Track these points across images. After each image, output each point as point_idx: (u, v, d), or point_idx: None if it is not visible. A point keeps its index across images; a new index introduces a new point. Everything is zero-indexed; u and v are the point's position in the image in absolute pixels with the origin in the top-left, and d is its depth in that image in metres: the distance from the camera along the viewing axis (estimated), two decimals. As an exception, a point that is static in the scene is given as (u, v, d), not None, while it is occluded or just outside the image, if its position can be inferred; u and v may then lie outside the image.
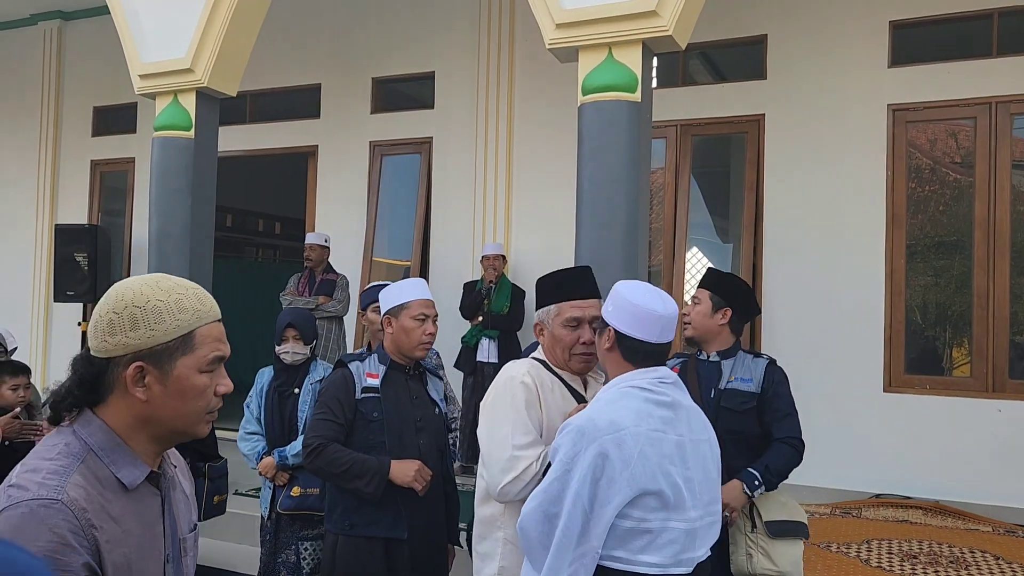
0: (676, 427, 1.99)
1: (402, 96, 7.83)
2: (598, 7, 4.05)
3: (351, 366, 2.90)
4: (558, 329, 2.34)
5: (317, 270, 6.74)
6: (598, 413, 1.98)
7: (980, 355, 5.56)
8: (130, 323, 1.29)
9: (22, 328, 9.00)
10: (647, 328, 2.04)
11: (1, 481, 1.28)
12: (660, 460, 1.91)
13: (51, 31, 9.21)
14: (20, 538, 1.16)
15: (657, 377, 2.04)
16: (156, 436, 1.36)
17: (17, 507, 1.19)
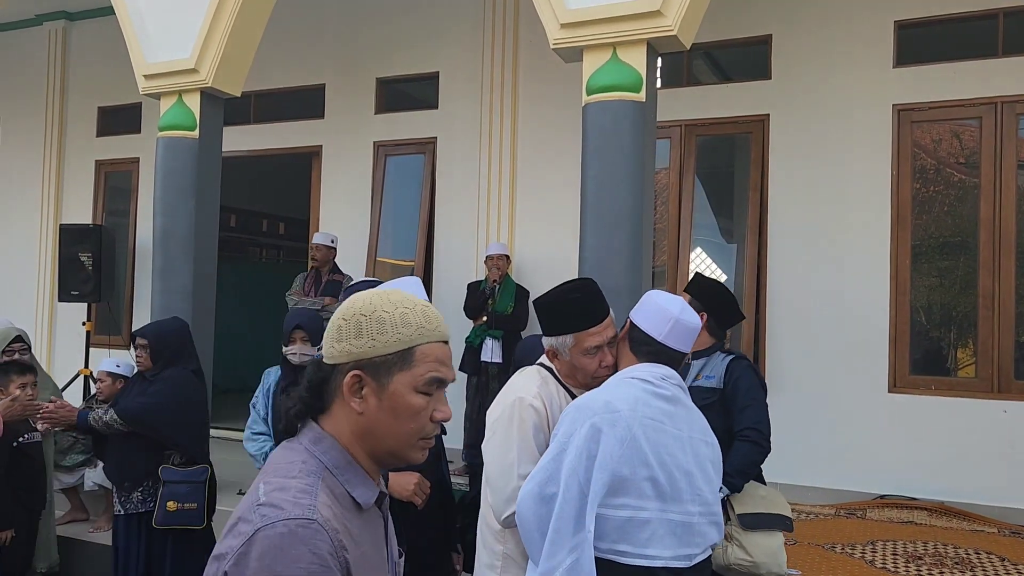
0: (676, 422, 2.04)
1: (406, 96, 7.83)
2: (602, 7, 4.05)
3: None
4: (579, 358, 2.29)
5: (323, 270, 6.75)
6: (595, 394, 2.08)
7: (985, 356, 5.54)
8: (355, 331, 1.28)
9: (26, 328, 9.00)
10: (656, 324, 2.13)
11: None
12: (656, 447, 1.97)
13: (56, 31, 9.23)
14: (281, 559, 1.13)
15: (661, 374, 2.10)
16: (373, 453, 1.32)
17: (274, 527, 1.15)
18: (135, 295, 8.73)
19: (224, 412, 7.27)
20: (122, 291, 8.76)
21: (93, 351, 8.23)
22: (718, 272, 6.55)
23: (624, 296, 3.89)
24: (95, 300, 8.08)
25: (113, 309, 8.50)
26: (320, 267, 6.73)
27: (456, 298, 6.79)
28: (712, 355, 3.17)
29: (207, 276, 5.36)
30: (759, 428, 3.00)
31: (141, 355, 3.94)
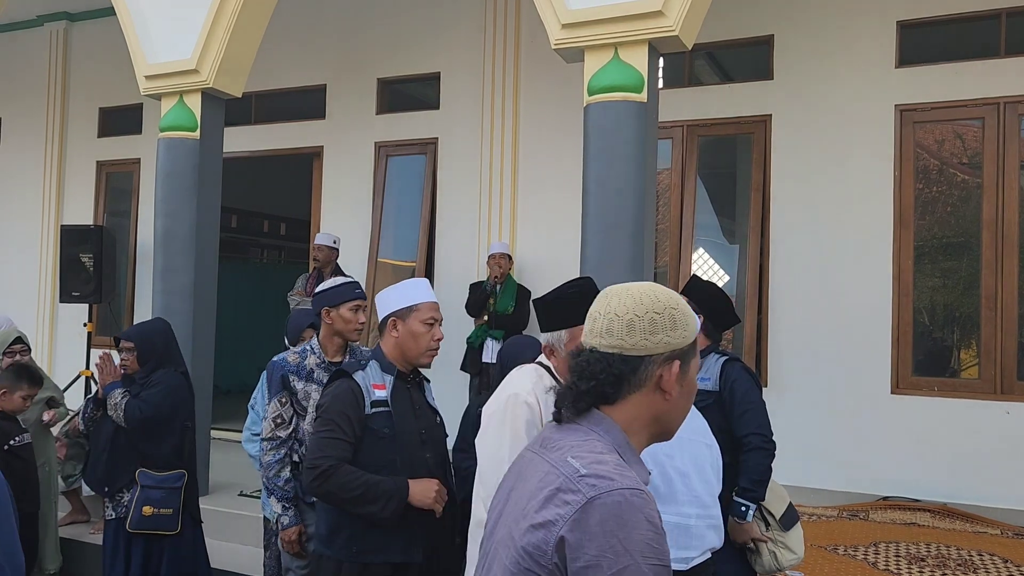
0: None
1: (407, 97, 7.82)
2: (604, 7, 4.04)
3: (356, 377, 2.64)
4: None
5: (325, 271, 6.75)
6: None
7: (988, 357, 5.52)
8: (670, 323, 1.36)
9: (28, 328, 9.01)
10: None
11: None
12: (653, 448, 1.90)
13: (57, 32, 9.23)
14: (623, 526, 1.19)
15: None
16: (654, 435, 1.41)
17: (610, 495, 1.21)
18: (136, 296, 8.73)
19: (224, 413, 7.26)
20: (123, 292, 8.75)
21: (94, 352, 8.22)
22: (720, 272, 6.54)
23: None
24: (96, 301, 8.08)
25: (114, 310, 8.49)
26: (322, 268, 6.72)
27: (457, 298, 6.78)
28: (707, 357, 3.17)
29: (208, 277, 5.36)
30: (762, 432, 3.01)
31: (127, 358, 3.92)
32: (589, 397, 1.36)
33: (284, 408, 3.24)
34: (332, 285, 3.33)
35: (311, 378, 3.26)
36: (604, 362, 1.35)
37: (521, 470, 1.43)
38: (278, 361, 3.29)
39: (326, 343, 3.31)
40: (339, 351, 3.33)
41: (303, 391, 3.23)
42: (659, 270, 6.44)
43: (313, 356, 3.30)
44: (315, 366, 3.28)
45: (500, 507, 1.44)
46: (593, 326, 1.39)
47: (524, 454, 1.48)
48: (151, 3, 5.43)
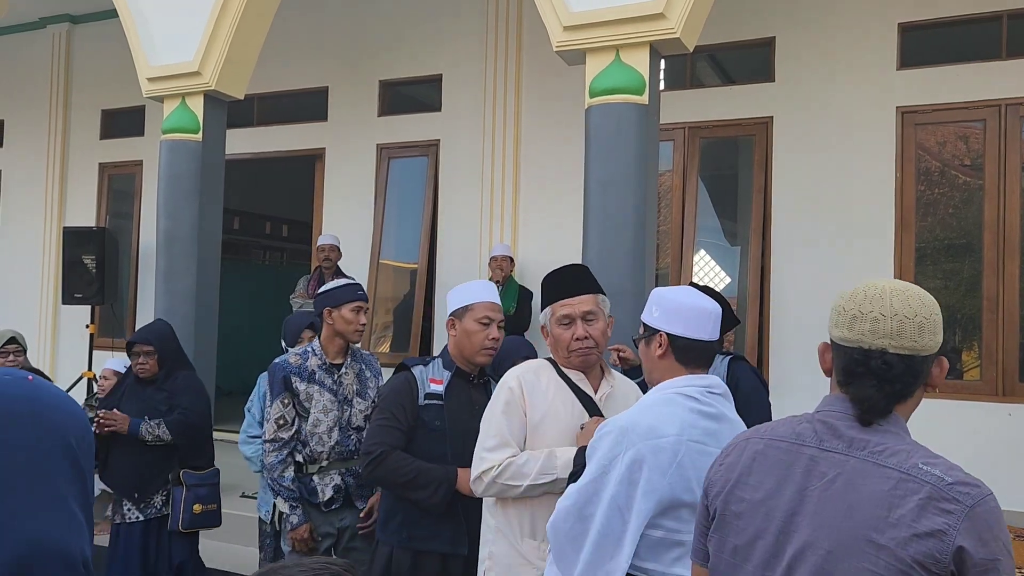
0: (719, 440, 1.88)
1: (409, 99, 7.84)
2: (605, 10, 4.05)
3: (414, 370, 2.78)
4: (555, 329, 2.41)
5: (327, 272, 6.78)
6: (640, 416, 1.94)
7: (990, 359, 5.52)
8: (935, 326, 1.44)
9: (30, 330, 9.05)
10: (701, 326, 2.02)
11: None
12: (699, 472, 1.83)
13: (60, 34, 9.25)
14: (1002, 529, 1.33)
15: (706, 386, 1.99)
16: None
17: (986, 501, 1.33)
18: (138, 297, 8.74)
19: (225, 414, 7.26)
20: (125, 293, 8.77)
21: (96, 353, 8.24)
22: (721, 274, 6.54)
23: (628, 298, 3.89)
24: (99, 303, 8.09)
25: (116, 311, 8.51)
26: (326, 269, 6.76)
27: (459, 301, 6.79)
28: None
29: (210, 279, 5.37)
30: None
31: (146, 362, 3.91)
32: (894, 399, 1.42)
33: (286, 409, 3.25)
34: (334, 286, 3.34)
35: (313, 379, 3.27)
36: (904, 364, 1.41)
37: (827, 472, 1.42)
38: (279, 363, 3.30)
39: (327, 344, 3.32)
40: (340, 352, 3.34)
41: (305, 392, 3.25)
42: (660, 271, 6.45)
43: (315, 357, 3.31)
44: (316, 367, 3.29)
45: (792, 507, 1.42)
46: (877, 327, 1.41)
47: (821, 456, 1.45)
48: (153, 5, 5.44)
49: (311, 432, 3.24)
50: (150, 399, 3.90)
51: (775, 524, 1.43)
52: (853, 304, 1.50)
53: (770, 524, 1.44)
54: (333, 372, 3.32)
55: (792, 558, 1.39)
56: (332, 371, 3.31)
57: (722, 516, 1.54)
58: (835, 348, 1.54)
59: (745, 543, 1.47)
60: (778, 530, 1.43)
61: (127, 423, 3.79)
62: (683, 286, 2.18)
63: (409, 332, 7.46)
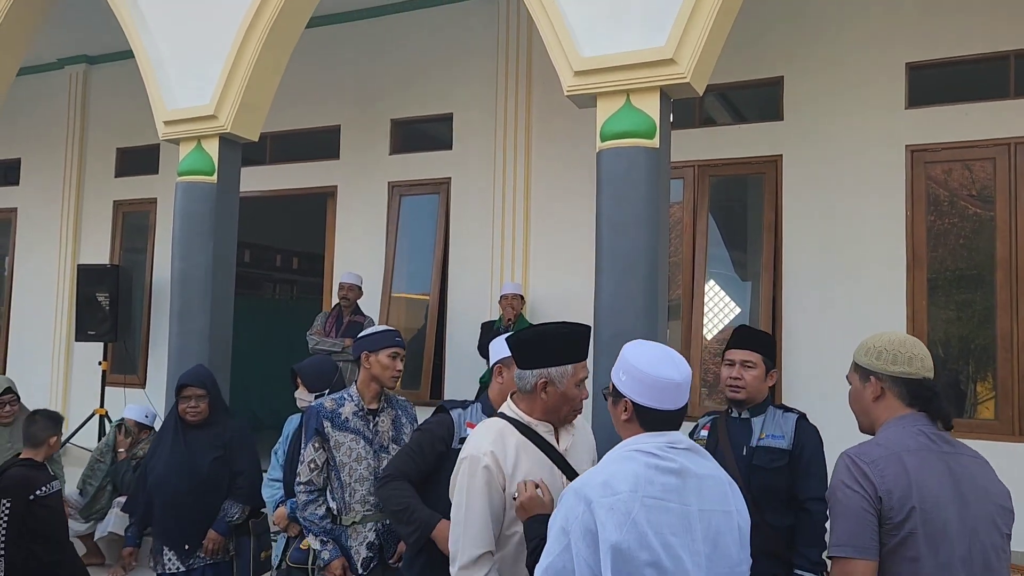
0: (682, 496, 1.88)
1: (420, 137, 7.92)
2: (616, 55, 4.10)
3: (452, 413, 2.79)
4: (571, 389, 2.39)
5: (346, 311, 6.83)
6: (594, 474, 1.93)
7: (1005, 398, 5.49)
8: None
9: (43, 367, 9.11)
10: (667, 398, 1.98)
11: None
12: (657, 529, 1.82)
13: (77, 75, 9.42)
14: None
15: (667, 442, 1.96)
16: None
17: None
18: (151, 334, 8.79)
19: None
20: (138, 331, 8.82)
21: (109, 390, 8.28)
22: (731, 305, 6.53)
23: (640, 341, 3.90)
24: (111, 340, 8.14)
25: (129, 348, 8.55)
26: (345, 307, 6.82)
27: (470, 337, 6.80)
28: (766, 410, 3.08)
29: (224, 319, 5.40)
30: (822, 497, 2.89)
31: (198, 405, 3.93)
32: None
33: (317, 453, 3.25)
34: (373, 331, 3.38)
35: (345, 427, 3.26)
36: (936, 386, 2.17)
37: (954, 470, 2.06)
38: (315, 407, 3.32)
39: (363, 389, 3.34)
40: (375, 397, 3.35)
41: (335, 440, 3.24)
42: (672, 302, 6.45)
43: (351, 403, 3.31)
44: (351, 414, 3.29)
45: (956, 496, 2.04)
46: (926, 364, 2.20)
47: (949, 456, 2.10)
48: (170, 50, 5.54)
49: (345, 482, 3.24)
50: (199, 442, 3.90)
51: (955, 510, 2.02)
52: (905, 348, 2.23)
53: (950, 511, 2.02)
54: (369, 419, 3.32)
55: (971, 532, 2.03)
56: (368, 418, 3.32)
57: (908, 513, 2.00)
58: (896, 380, 2.21)
59: (939, 529, 2.00)
60: (957, 515, 2.02)
61: (219, 537, 3.88)
62: (655, 348, 2.08)
63: (420, 369, 7.47)
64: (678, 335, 6.48)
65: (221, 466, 3.91)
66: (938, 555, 1.97)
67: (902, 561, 1.99)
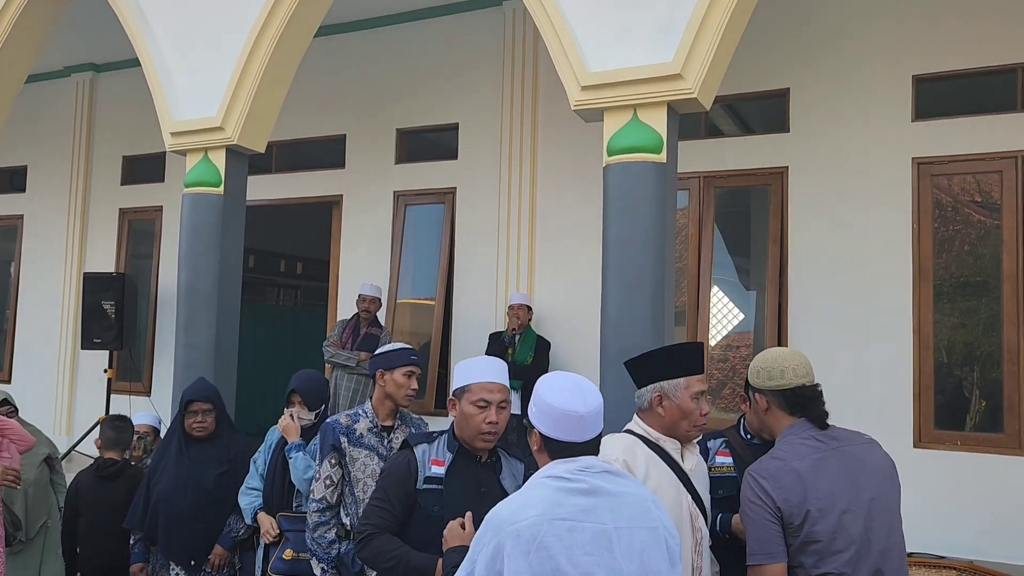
0: (596, 515, 1.87)
1: (426, 147, 7.93)
2: (623, 70, 4.10)
3: (416, 450, 2.65)
4: (687, 402, 2.46)
5: (364, 322, 6.84)
6: (506, 504, 1.95)
7: (1012, 411, 5.47)
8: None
9: (49, 374, 9.12)
10: (570, 430, 1.99)
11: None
12: (571, 550, 1.81)
13: (83, 83, 9.44)
14: None
15: (578, 467, 1.96)
16: None
17: None
18: (156, 343, 8.80)
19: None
20: (144, 339, 8.83)
21: (114, 398, 8.28)
22: (735, 311, 6.52)
23: (646, 356, 3.90)
24: (117, 348, 8.16)
25: (134, 356, 8.56)
26: (363, 318, 6.83)
27: (475, 348, 6.80)
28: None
29: (230, 331, 5.40)
30: None
31: (204, 420, 3.94)
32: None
33: (333, 470, 3.24)
34: (389, 349, 3.37)
35: (360, 443, 3.26)
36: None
37: (844, 461, 2.42)
38: (331, 423, 3.32)
39: (378, 406, 3.33)
40: (390, 415, 3.35)
41: (351, 455, 3.24)
42: (677, 309, 6.43)
43: (365, 419, 3.31)
44: (366, 431, 3.29)
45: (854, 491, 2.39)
46: (796, 373, 2.55)
47: (838, 453, 2.44)
48: (177, 61, 5.55)
49: (359, 497, 3.21)
50: (204, 457, 3.91)
51: (848, 499, 2.38)
52: (776, 364, 2.58)
53: (843, 501, 2.37)
54: (383, 436, 3.31)
55: (867, 512, 2.37)
56: (382, 435, 3.31)
57: (805, 516, 2.34)
58: (775, 393, 2.57)
59: (834, 521, 2.35)
60: (852, 502, 2.38)
61: (223, 551, 3.87)
62: (567, 380, 2.07)
63: (425, 379, 7.47)
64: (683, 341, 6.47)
65: (227, 481, 3.90)
66: (835, 542, 2.33)
67: (808, 553, 2.36)
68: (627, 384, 3.88)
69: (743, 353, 6.41)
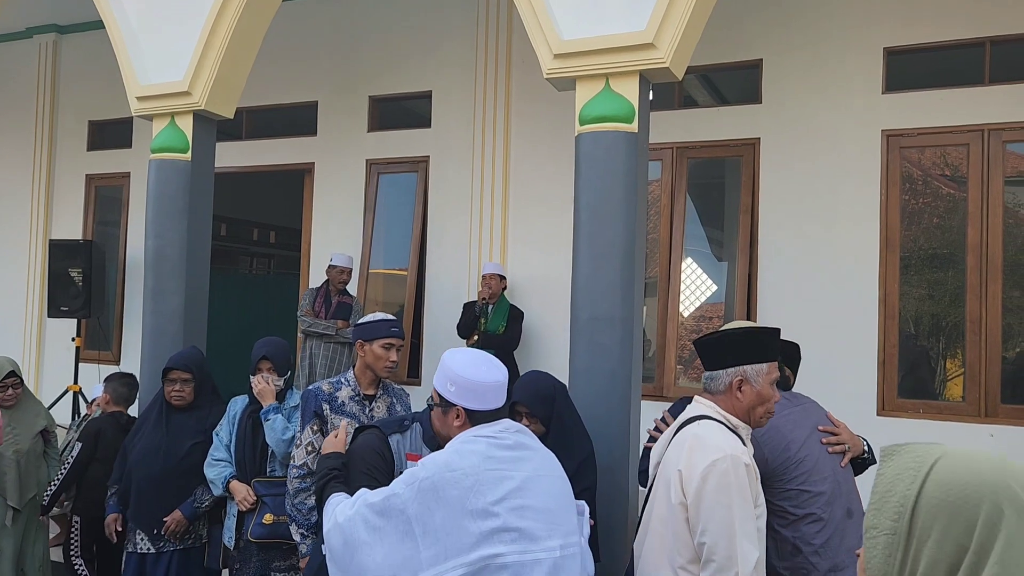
0: (521, 466, 2.12)
1: (399, 115, 7.85)
2: (596, 39, 4.08)
3: (391, 440, 2.52)
4: (767, 388, 2.43)
5: (334, 292, 6.82)
6: (443, 453, 2.17)
7: (973, 380, 5.59)
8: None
9: (15, 343, 8.99)
10: (494, 399, 2.25)
11: None
12: (501, 496, 2.04)
13: (46, 45, 9.21)
14: None
15: (500, 428, 2.22)
16: None
17: None
18: (125, 310, 8.70)
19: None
20: (112, 306, 8.73)
21: (82, 367, 8.20)
22: (708, 282, 6.58)
23: (616, 324, 3.93)
24: (85, 316, 8.05)
25: (103, 325, 8.47)
26: (334, 288, 6.81)
27: (448, 317, 6.81)
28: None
29: (199, 298, 5.35)
30: None
31: (183, 389, 3.94)
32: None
33: (315, 436, 3.25)
34: (371, 320, 3.37)
35: (341, 411, 3.28)
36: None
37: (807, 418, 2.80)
38: (312, 389, 3.33)
39: (360, 375, 3.35)
40: (372, 384, 3.37)
41: (332, 423, 3.25)
42: (648, 280, 6.48)
43: (347, 388, 3.32)
44: (348, 399, 3.30)
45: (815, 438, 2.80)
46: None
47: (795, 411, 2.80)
48: (143, 24, 5.43)
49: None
50: (181, 426, 3.91)
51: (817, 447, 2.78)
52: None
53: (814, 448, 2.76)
54: (365, 405, 3.32)
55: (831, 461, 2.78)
56: (364, 404, 3.32)
57: (788, 461, 2.68)
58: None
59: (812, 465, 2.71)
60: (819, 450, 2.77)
61: (181, 518, 3.85)
62: (474, 355, 2.31)
63: (397, 348, 7.47)
64: (655, 313, 6.53)
65: (200, 451, 3.90)
66: (814, 483, 2.69)
67: (790, 498, 2.68)
68: (596, 352, 3.93)
69: (715, 324, 6.47)
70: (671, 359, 6.40)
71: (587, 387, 3.87)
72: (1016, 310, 5.61)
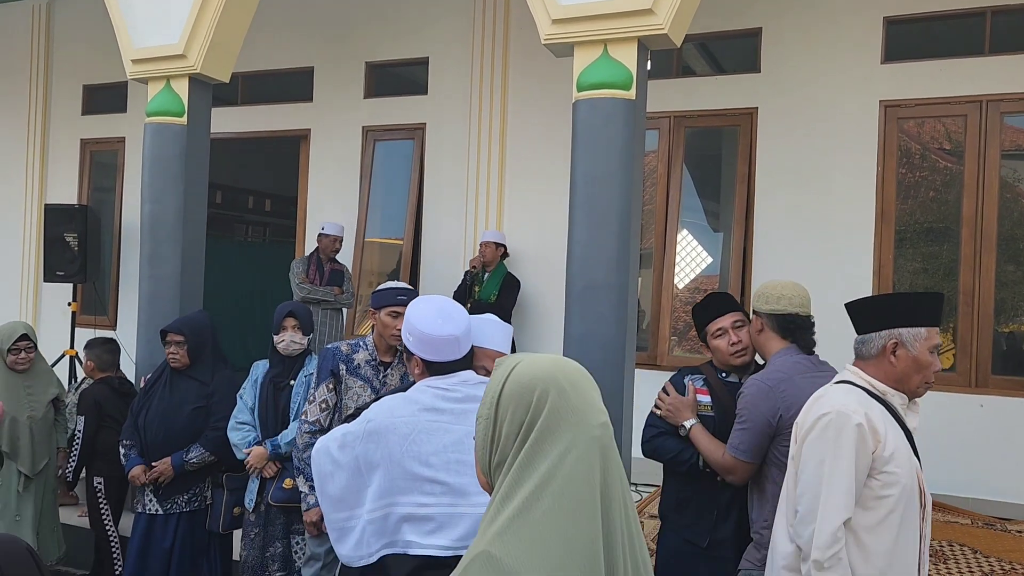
0: (466, 420, 2.14)
1: (395, 81, 7.80)
2: (594, 4, 4.05)
3: None
4: (925, 355, 2.24)
5: (325, 261, 6.83)
6: (392, 398, 2.27)
7: (964, 351, 5.64)
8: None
9: (11, 308, 9.00)
10: (448, 351, 2.27)
11: None
12: (437, 448, 2.10)
13: (40, 7, 9.09)
14: None
15: (458, 380, 2.26)
16: None
17: None
18: (120, 275, 8.70)
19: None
20: (108, 271, 8.72)
21: (79, 331, 8.21)
22: (704, 254, 6.59)
23: (612, 291, 3.95)
24: (81, 280, 8.05)
25: (99, 289, 8.47)
26: (326, 257, 6.82)
27: (443, 283, 6.83)
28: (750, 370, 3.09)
29: (195, 263, 5.36)
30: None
31: (176, 351, 3.98)
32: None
33: (329, 394, 3.31)
34: (383, 288, 3.41)
35: (356, 373, 3.32)
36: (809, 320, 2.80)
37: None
38: (331, 348, 3.38)
39: (377, 341, 3.39)
40: (388, 351, 3.40)
41: (346, 383, 3.31)
42: (644, 251, 6.49)
43: (365, 351, 3.37)
44: (364, 362, 3.34)
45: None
46: (792, 302, 2.81)
47: (818, 376, 2.62)
48: (138, -15, 5.37)
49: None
50: (179, 390, 3.97)
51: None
52: (776, 290, 2.81)
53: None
54: (380, 370, 3.36)
55: None
56: (379, 369, 3.36)
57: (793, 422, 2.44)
58: (770, 316, 2.81)
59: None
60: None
61: (169, 467, 3.89)
62: (433, 306, 2.33)
63: (394, 315, 7.48)
64: (650, 283, 6.55)
65: (200, 417, 3.95)
66: None
67: None
68: (591, 320, 3.95)
69: (709, 295, 6.50)
70: (665, 329, 6.43)
71: (582, 355, 3.89)
72: (1010, 283, 5.63)
